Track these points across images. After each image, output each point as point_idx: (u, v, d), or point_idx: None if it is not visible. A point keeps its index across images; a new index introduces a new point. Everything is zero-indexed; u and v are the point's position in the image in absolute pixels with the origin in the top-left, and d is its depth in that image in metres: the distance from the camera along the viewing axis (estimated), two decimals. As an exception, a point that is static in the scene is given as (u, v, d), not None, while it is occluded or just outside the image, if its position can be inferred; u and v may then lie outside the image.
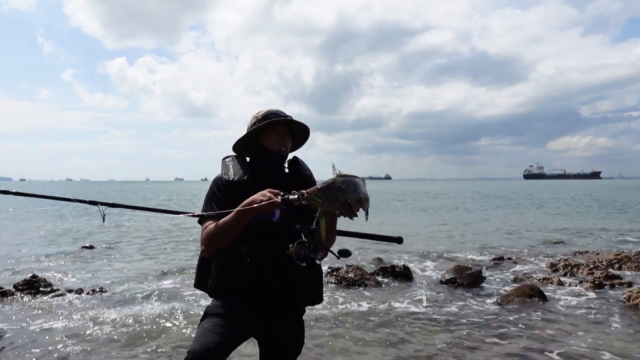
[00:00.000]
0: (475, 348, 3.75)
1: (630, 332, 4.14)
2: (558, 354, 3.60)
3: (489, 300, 5.30)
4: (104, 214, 1.96)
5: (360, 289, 5.88)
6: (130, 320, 4.48)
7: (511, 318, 4.59)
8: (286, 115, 1.96)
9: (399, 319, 4.61)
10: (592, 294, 5.53)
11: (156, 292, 5.65)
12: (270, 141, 1.92)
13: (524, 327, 4.30)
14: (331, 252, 1.78)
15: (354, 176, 1.59)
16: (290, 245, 1.65)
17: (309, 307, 1.97)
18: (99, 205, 1.99)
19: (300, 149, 2.13)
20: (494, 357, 3.57)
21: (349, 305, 5.08)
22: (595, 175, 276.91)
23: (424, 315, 4.73)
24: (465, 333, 4.14)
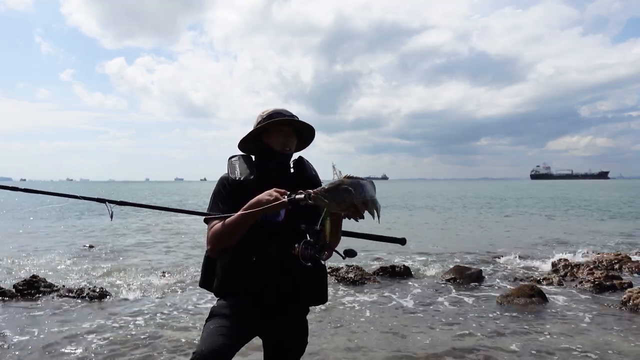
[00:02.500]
0: (475, 348, 3.76)
1: (630, 332, 4.15)
2: (558, 354, 3.61)
3: (489, 300, 5.31)
4: (112, 212, 1.97)
5: (360, 288, 5.89)
6: (133, 321, 4.47)
7: (511, 318, 4.61)
8: (291, 115, 1.95)
9: (399, 318, 4.62)
10: (592, 295, 5.54)
11: (159, 292, 5.65)
12: (274, 141, 1.92)
13: (523, 327, 4.31)
14: (337, 252, 1.79)
15: (361, 178, 1.59)
16: (295, 245, 1.65)
17: (312, 306, 1.98)
18: (107, 202, 2.00)
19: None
20: (494, 357, 3.58)
21: (349, 305, 5.09)
22: (603, 175, 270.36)
23: (424, 315, 4.74)
24: (465, 333, 4.15)
